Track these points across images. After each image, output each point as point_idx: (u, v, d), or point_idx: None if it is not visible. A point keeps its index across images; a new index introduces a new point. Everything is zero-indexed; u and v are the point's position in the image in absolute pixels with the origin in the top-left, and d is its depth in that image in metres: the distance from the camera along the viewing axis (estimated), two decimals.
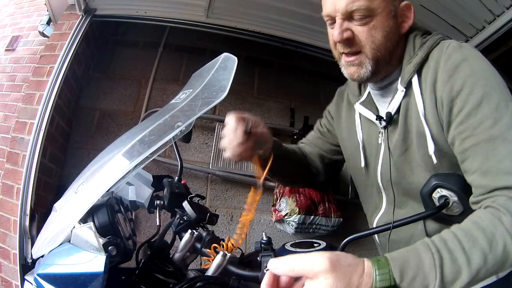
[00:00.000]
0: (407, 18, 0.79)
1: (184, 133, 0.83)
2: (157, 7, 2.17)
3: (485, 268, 0.53)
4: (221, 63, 0.86)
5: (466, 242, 0.54)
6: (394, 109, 0.79)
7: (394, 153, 0.80)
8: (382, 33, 0.74)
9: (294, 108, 2.74)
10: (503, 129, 0.63)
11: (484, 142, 0.64)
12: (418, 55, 0.75)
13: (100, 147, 1.00)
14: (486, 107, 0.65)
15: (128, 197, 0.97)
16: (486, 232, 0.55)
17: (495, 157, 0.63)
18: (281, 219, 2.29)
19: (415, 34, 0.79)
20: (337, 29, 0.74)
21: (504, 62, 2.56)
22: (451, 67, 0.70)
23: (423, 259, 0.52)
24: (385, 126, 0.81)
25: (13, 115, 2.35)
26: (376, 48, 0.75)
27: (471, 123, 0.66)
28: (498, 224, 0.56)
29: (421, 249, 0.53)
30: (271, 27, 2.27)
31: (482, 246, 0.54)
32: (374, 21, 0.74)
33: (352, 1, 0.72)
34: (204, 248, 0.81)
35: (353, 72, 0.78)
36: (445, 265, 0.52)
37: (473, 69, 0.68)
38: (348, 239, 0.67)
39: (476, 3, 1.79)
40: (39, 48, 2.65)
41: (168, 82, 2.63)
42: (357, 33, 0.74)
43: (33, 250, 0.78)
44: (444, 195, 0.72)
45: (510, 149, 0.62)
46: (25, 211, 1.69)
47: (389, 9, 0.75)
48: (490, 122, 0.64)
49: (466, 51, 0.71)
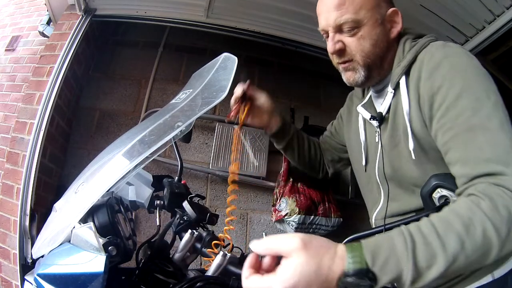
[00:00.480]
0: (396, 24, 0.85)
1: (184, 133, 0.83)
2: (157, 7, 2.17)
3: (463, 254, 0.52)
4: (221, 63, 0.86)
5: (440, 227, 0.53)
6: (385, 109, 0.85)
7: (386, 149, 0.85)
8: (370, 41, 0.81)
9: (294, 108, 2.74)
10: (483, 118, 0.64)
11: (463, 132, 0.65)
12: (406, 58, 0.80)
13: (100, 147, 1.00)
14: (466, 99, 0.67)
15: (128, 197, 0.97)
16: (462, 217, 0.55)
17: (475, 146, 0.64)
18: (281, 219, 2.29)
19: (406, 39, 0.84)
20: (330, 41, 0.83)
21: (504, 62, 2.56)
22: (433, 65, 0.73)
23: (395, 242, 0.52)
24: (379, 125, 0.87)
25: (13, 115, 2.35)
26: (366, 55, 0.81)
27: (451, 116, 0.68)
28: (476, 209, 0.55)
29: (395, 234, 0.54)
30: (271, 27, 2.27)
31: (458, 230, 0.53)
32: (362, 31, 0.80)
33: (339, 15, 0.79)
34: (204, 248, 0.81)
35: (349, 77, 0.85)
36: (417, 249, 0.51)
37: (453, 65, 0.71)
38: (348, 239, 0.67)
39: (476, 3, 1.79)
40: (39, 48, 2.65)
41: (168, 82, 2.63)
42: (348, 44, 0.81)
43: (33, 250, 0.78)
44: (444, 195, 0.72)
45: (489, 137, 0.63)
46: (25, 211, 1.69)
47: (376, 17, 0.81)
48: (470, 112, 0.65)
49: (449, 50, 0.74)
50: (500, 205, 0.55)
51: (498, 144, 0.62)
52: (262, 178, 2.46)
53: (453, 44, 0.77)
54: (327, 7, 0.82)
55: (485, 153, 0.62)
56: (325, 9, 0.82)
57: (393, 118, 0.82)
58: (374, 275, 0.50)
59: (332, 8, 0.80)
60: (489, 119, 0.64)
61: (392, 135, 0.83)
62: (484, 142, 0.63)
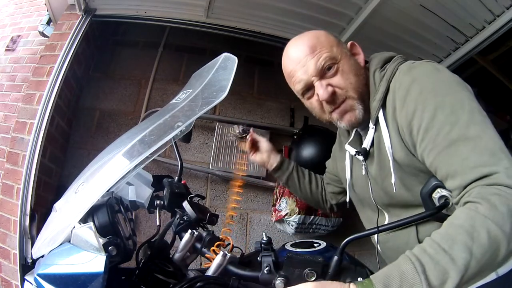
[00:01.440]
0: (358, 55, 0.88)
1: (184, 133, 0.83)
2: (157, 7, 2.17)
3: (474, 261, 0.53)
4: (221, 63, 0.86)
5: (444, 243, 0.54)
6: (368, 144, 0.86)
7: (378, 181, 0.87)
8: (352, 72, 0.82)
9: (294, 108, 2.74)
10: (462, 129, 0.65)
11: (446, 148, 0.66)
12: (380, 90, 0.80)
13: (100, 147, 1.00)
14: (441, 116, 0.67)
15: (128, 197, 0.97)
16: (463, 226, 0.56)
17: (459, 158, 0.64)
18: (281, 219, 2.29)
19: (374, 69, 0.85)
20: (320, 89, 0.81)
21: (504, 62, 2.56)
22: (403, 93, 0.74)
23: (404, 270, 0.53)
24: (364, 160, 0.89)
25: (13, 115, 2.35)
26: (356, 87, 0.82)
27: (430, 136, 0.68)
28: (475, 214, 0.56)
29: (401, 262, 0.55)
30: (271, 27, 2.27)
31: (463, 240, 0.54)
32: (341, 66, 0.82)
33: (317, 58, 0.80)
34: (204, 248, 0.81)
35: (350, 118, 0.84)
36: (428, 270, 0.52)
37: (422, 86, 0.71)
38: (348, 239, 0.67)
39: (476, 3, 1.79)
40: (39, 48, 2.65)
41: (168, 82, 2.63)
42: (336, 84, 0.81)
43: (33, 250, 0.78)
44: (444, 195, 0.73)
45: (472, 146, 0.64)
46: (25, 211, 1.69)
47: (345, 52, 0.84)
48: (448, 128, 0.66)
49: (415, 71, 0.75)
50: (497, 203, 0.56)
51: (481, 149, 0.63)
52: (262, 178, 2.46)
53: (419, 63, 0.77)
54: (300, 61, 0.82)
55: (471, 161, 0.63)
56: (299, 64, 0.83)
57: (378, 152, 0.83)
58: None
59: (307, 58, 0.81)
60: (467, 127, 0.65)
61: (381, 168, 0.84)
62: (467, 152, 0.64)
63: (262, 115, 2.70)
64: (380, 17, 1.96)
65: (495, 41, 2.00)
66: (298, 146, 2.43)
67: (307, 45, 0.83)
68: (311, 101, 0.87)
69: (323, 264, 0.69)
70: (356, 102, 0.82)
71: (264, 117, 2.70)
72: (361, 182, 0.95)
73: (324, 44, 0.82)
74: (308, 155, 2.35)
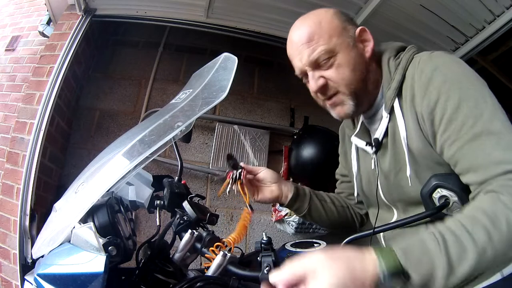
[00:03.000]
0: (367, 42, 0.83)
1: (184, 133, 0.83)
2: (157, 7, 2.17)
3: (491, 246, 0.54)
4: (221, 63, 0.86)
5: (468, 223, 0.56)
6: (381, 134, 0.82)
7: (390, 175, 0.83)
8: (349, 67, 0.79)
9: (294, 108, 2.74)
10: (486, 123, 0.65)
11: (469, 141, 0.65)
12: (395, 78, 0.78)
13: (100, 147, 1.00)
14: (465, 108, 0.66)
15: (128, 197, 0.97)
16: (486, 211, 0.57)
17: (483, 152, 0.64)
18: (281, 219, 2.29)
19: (388, 57, 0.82)
20: (311, 79, 0.81)
21: (504, 62, 2.56)
22: (425, 81, 0.72)
23: (426, 242, 0.54)
24: (376, 151, 0.85)
25: (13, 115, 2.35)
26: (349, 83, 0.79)
27: (454, 128, 0.67)
28: (497, 202, 0.57)
29: (424, 234, 0.56)
30: (271, 27, 2.27)
31: (484, 224, 0.55)
32: (338, 59, 0.79)
33: (312, 50, 0.78)
34: (204, 248, 0.81)
35: (339, 112, 0.84)
36: (449, 246, 0.53)
37: (446, 76, 0.70)
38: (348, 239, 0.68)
39: (476, 3, 1.79)
40: (39, 48, 2.65)
41: (168, 82, 2.63)
42: (328, 77, 0.80)
43: (33, 250, 0.78)
44: (445, 195, 0.73)
45: (496, 141, 0.63)
46: (25, 211, 1.69)
47: (347, 42, 0.80)
48: (472, 121, 0.65)
49: (437, 60, 0.73)
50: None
51: (505, 145, 0.63)
52: None
53: (438, 52, 0.76)
54: (297, 48, 0.80)
55: (495, 156, 0.62)
56: (296, 51, 0.81)
57: (393, 143, 0.80)
58: (407, 274, 0.51)
59: (303, 45, 0.79)
60: (491, 122, 0.65)
61: (395, 160, 0.81)
62: (491, 147, 0.63)
63: (262, 115, 2.70)
64: (380, 17, 1.95)
65: (495, 41, 2.00)
66: (298, 146, 2.43)
67: (306, 32, 0.80)
68: (308, 85, 0.86)
69: None
70: (347, 97, 0.80)
71: (264, 117, 2.70)
72: (369, 176, 0.91)
73: (324, 33, 0.79)
74: (308, 155, 2.35)
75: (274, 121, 2.70)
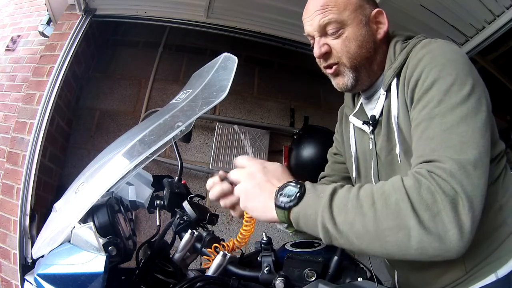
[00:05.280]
0: (382, 24, 0.83)
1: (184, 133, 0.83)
2: (157, 7, 2.17)
3: (372, 211, 0.54)
4: (221, 63, 0.86)
5: (364, 186, 0.59)
6: (378, 112, 0.83)
7: (381, 154, 0.83)
8: (355, 42, 0.79)
9: (294, 108, 2.74)
10: (445, 109, 0.63)
11: (423, 122, 0.65)
12: (398, 60, 0.79)
13: (100, 147, 1.00)
14: (435, 90, 0.66)
15: (128, 197, 0.97)
16: (385, 184, 0.58)
17: (426, 135, 0.63)
18: None
19: (396, 41, 0.82)
20: (315, 45, 0.81)
21: (504, 62, 2.56)
22: (415, 62, 0.72)
23: (323, 187, 0.61)
24: (372, 130, 0.85)
25: (13, 115, 2.35)
26: (352, 57, 0.80)
27: (419, 106, 0.67)
28: (398, 182, 0.57)
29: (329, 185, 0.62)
30: (271, 27, 2.27)
31: (373, 189, 0.57)
32: (347, 32, 0.79)
33: (323, 16, 0.79)
34: (204, 248, 0.81)
35: (338, 82, 0.84)
36: (338, 192, 0.59)
37: (434, 58, 0.70)
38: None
39: (476, 3, 1.79)
40: (39, 48, 2.65)
41: (168, 82, 2.63)
42: (333, 46, 0.80)
43: (33, 250, 0.78)
44: None
45: (444, 127, 0.61)
46: (25, 211, 1.69)
47: (360, 18, 0.80)
48: (434, 103, 0.65)
49: (434, 45, 0.73)
50: (424, 187, 0.54)
51: (450, 135, 0.60)
52: None
53: (442, 40, 0.76)
54: (310, 12, 0.81)
55: (433, 142, 0.61)
56: (309, 14, 0.82)
57: (386, 121, 0.81)
58: (303, 192, 0.61)
59: (316, 11, 0.80)
60: (451, 110, 0.63)
61: (388, 139, 0.81)
62: (436, 132, 0.62)
63: (262, 115, 2.70)
64: None
65: (495, 41, 2.00)
66: (298, 146, 2.43)
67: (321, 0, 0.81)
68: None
69: (323, 264, 0.69)
70: (348, 69, 0.81)
71: (264, 117, 2.70)
72: (365, 157, 0.90)
73: (339, 4, 0.79)
74: (308, 155, 2.35)
75: (274, 121, 2.70)
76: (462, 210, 0.53)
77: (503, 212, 0.74)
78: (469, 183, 0.55)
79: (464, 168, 0.56)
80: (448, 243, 0.52)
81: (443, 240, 0.52)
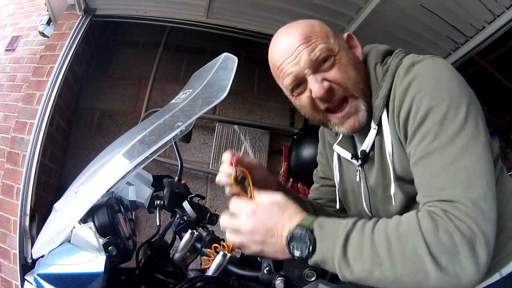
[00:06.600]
0: (356, 47, 0.78)
1: (184, 133, 0.83)
2: (157, 7, 2.17)
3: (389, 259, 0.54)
4: (221, 63, 0.86)
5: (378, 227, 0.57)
6: (368, 147, 0.76)
7: (378, 190, 0.79)
8: (351, 66, 0.72)
9: (294, 108, 2.72)
10: (443, 141, 0.60)
11: (422, 158, 0.62)
12: (383, 86, 0.72)
13: (100, 147, 1.00)
14: (430, 121, 0.62)
15: (128, 197, 0.97)
16: (400, 224, 0.56)
17: (430, 172, 0.61)
18: None
19: (375, 63, 0.76)
20: (314, 84, 0.70)
21: (504, 62, 2.56)
22: (402, 91, 0.67)
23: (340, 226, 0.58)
24: (361, 164, 0.80)
25: (13, 115, 2.35)
26: (356, 83, 0.72)
27: (415, 142, 0.64)
28: (415, 223, 0.56)
29: (345, 220, 0.59)
30: (271, 27, 2.27)
31: (388, 234, 0.56)
32: (339, 59, 0.72)
33: (312, 49, 0.70)
34: (204, 248, 0.81)
35: (353, 124, 0.74)
36: (351, 237, 0.56)
37: (422, 85, 0.65)
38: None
39: (476, 3, 1.79)
40: (39, 48, 2.65)
41: (168, 82, 2.63)
42: (332, 78, 0.71)
43: (33, 250, 0.78)
44: None
45: (446, 162, 0.59)
46: (25, 211, 1.69)
47: (342, 43, 0.74)
48: (431, 136, 0.61)
49: (417, 69, 0.67)
50: (441, 229, 0.54)
51: (455, 171, 0.59)
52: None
53: (423, 57, 0.70)
54: (291, 49, 0.71)
55: (439, 180, 0.59)
56: (291, 52, 0.71)
57: (380, 158, 0.75)
58: (314, 240, 0.58)
59: (300, 46, 0.70)
60: (451, 141, 0.60)
61: (383, 176, 0.75)
62: (439, 168, 0.60)
63: (262, 115, 2.71)
64: (380, 17, 1.96)
65: (495, 41, 2.00)
66: (298, 146, 2.43)
67: (300, 33, 0.71)
68: (301, 97, 0.75)
69: None
70: (360, 102, 0.72)
71: (264, 117, 2.70)
72: (353, 188, 0.86)
73: (320, 33, 0.72)
74: (308, 155, 2.35)
75: (274, 121, 2.70)
76: (479, 248, 0.53)
77: (502, 217, 0.73)
78: (483, 219, 0.55)
79: (477, 206, 0.56)
80: (466, 279, 0.53)
81: (460, 278, 0.53)
